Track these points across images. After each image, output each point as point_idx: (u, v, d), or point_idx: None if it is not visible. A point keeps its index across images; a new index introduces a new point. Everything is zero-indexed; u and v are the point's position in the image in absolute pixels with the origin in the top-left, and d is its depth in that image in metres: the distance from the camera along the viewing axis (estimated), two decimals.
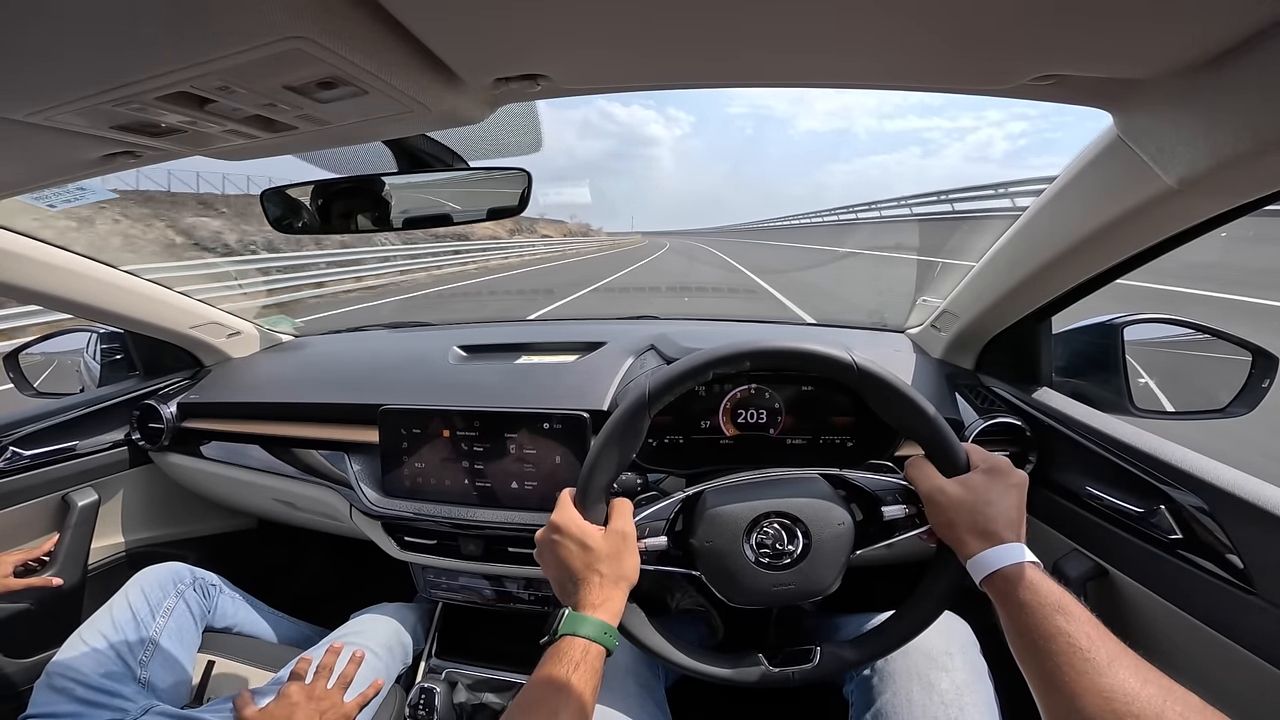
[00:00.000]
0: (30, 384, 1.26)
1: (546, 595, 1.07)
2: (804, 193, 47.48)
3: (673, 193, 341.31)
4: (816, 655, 0.66)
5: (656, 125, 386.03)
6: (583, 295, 10.34)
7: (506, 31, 0.39)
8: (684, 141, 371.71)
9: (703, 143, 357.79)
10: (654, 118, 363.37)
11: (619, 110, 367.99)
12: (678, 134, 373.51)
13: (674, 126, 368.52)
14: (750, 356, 0.65)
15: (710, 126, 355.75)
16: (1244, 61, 0.39)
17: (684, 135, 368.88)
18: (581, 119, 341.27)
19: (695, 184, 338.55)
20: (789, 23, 0.38)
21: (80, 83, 0.38)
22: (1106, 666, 0.44)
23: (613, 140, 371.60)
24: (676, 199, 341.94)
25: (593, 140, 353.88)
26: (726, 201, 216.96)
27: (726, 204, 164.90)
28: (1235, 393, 0.82)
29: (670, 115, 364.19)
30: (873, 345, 1.17)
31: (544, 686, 0.52)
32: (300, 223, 0.84)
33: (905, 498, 0.65)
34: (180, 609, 1.00)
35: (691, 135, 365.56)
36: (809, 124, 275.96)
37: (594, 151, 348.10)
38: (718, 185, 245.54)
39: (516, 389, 1.03)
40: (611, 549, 0.61)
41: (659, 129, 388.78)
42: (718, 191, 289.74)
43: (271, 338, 1.44)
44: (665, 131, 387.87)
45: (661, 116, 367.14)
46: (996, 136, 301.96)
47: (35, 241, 0.93)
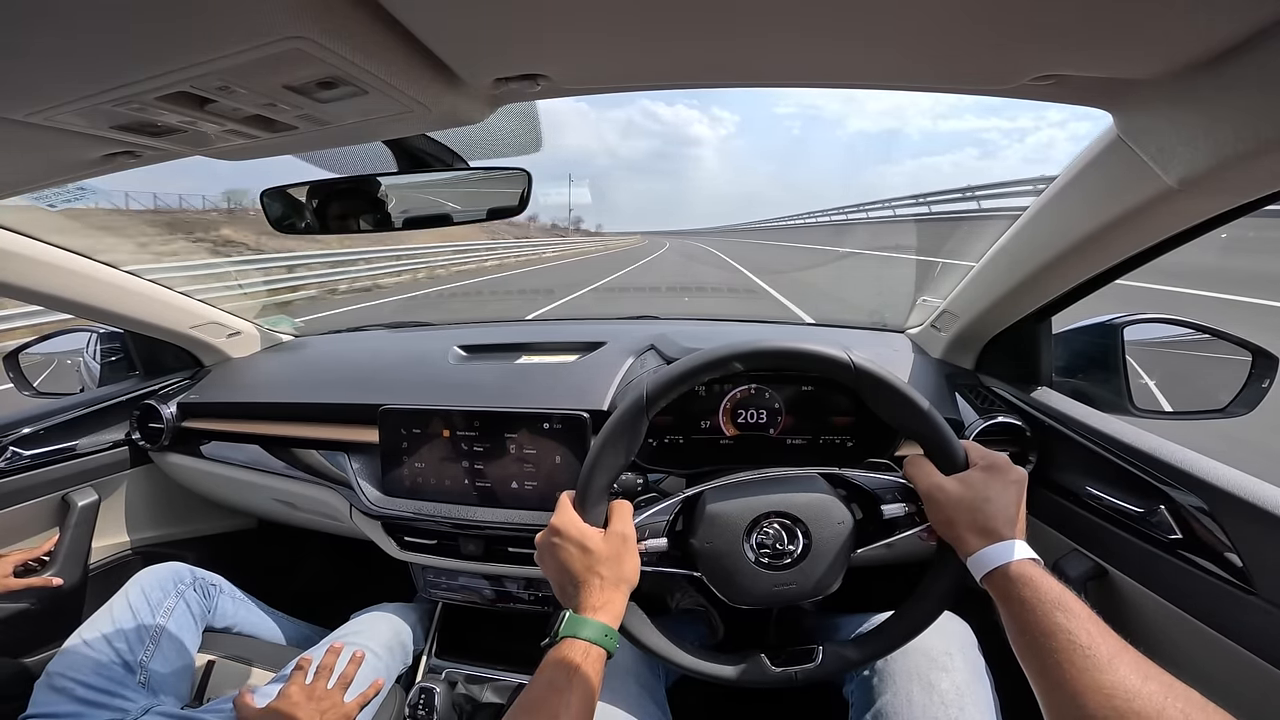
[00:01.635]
0: (30, 384, 1.26)
1: (546, 595, 1.07)
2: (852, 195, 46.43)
3: (684, 194, 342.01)
4: (819, 655, 0.66)
5: (697, 126, 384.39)
6: (582, 295, 10.34)
7: (506, 31, 0.39)
8: (728, 142, 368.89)
9: (746, 143, 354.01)
10: (640, 118, 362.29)
11: (615, 113, 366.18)
12: (722, 134, 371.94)
13: (718, 127, 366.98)
14: (750, 357, 0.65)
15: (755, 126, 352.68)
16: (1244, 61, 0.39)
17: (728, 135, 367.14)
18: (578, 119, 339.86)
19: (738, 184, 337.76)
20: (788, 22, 0.38)
21: (80, 83, 0.38)
22: (1107, 663, 0.44)
23: (620, 142, 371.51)
24: (679, 199, 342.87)
25: (593, 140, 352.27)
26: (770, 201, 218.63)
27: (768, 203, 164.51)
28: (1235, 393, 0.82)
29: (680, 114, 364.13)
30: (872, 345, 1.17)
31: (545, 689, 0.53)
32: (300, 223, 0.84)
33: (905, 496, 0.66)
34: (180, 609, 1.00)
35: (736, 135, 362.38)
36: (859, 124, 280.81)
37: (593, 151, 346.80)
38: (762, 186, 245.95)
39: (516, 389, 1.03)
40: (611, 551, 0.61)
41: (701, 129, 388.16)
42: (764, 193, 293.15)
43: (271, 338, 1.44)
44: (708, 131, 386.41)
45: (656, 119, 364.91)
46: (1059, 137, 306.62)
47: (35, 241, 0.93)
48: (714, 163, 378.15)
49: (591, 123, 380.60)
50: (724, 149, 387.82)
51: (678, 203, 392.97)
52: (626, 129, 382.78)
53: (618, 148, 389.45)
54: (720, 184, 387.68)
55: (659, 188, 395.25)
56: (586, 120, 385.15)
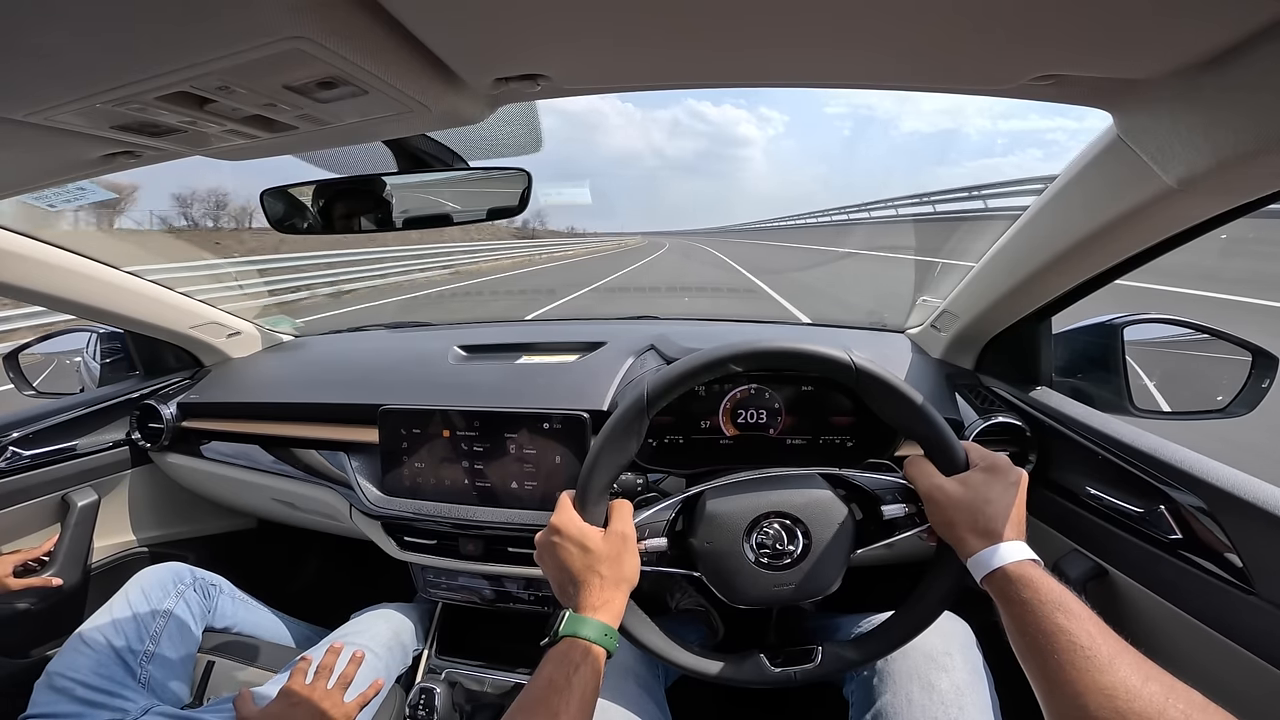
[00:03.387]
0: (30, 384, 1.27)
1: (546, 595, 1.07)
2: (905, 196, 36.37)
3: (684, 194, 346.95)
4: (818, 655, 0.66)
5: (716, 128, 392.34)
6: (583, 295, 10.35)
7: (506, 31, 0.39)
8: (776, 142, 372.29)
9: (795, 143, 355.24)
10: (621, 119, 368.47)
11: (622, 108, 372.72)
12: (771, 134, 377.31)
13: (766, 126, 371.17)
14: (751, 357, 0.65)
15: (803, 125, 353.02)
16: (1245, 61, 0.39)
17: (776, 135, 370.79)
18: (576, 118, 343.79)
19: (784, 185, 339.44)
20: (789, 22, 0.38)
21: (80, 83, 0.38)
22: (1108, 664, 0.44)
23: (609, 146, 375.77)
24: (682, 200, 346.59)
25: (593, 143, 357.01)
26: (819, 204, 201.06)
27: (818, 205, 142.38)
28: (1235, 393, 0.82)
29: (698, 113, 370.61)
30: (872, 345, 1.17)
31: (545, 688, 0.53)
32: (301, 223, 0.84)
33: (905, 497, 0.66)
34: (180, 609, 1.00)
35: (783, 135, 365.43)
36: (914, 124, 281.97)
37: (596, 153, 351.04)
38: (811, 189, 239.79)
39: (516, 389, 1.03)
40: (611, 551, 0.61)
41: (752, 129, 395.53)
42: (814, 197, 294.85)
43: (272, 338, 1.44)
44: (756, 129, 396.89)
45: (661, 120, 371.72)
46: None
47: (35, 241, 0.93)
48: (712, 162, 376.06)
49: (592, 121, 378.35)
50: (717, 146, 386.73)
51: (675, 203, 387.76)
52: (627, 128, 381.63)
53: (603, 144, 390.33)
54: (716, 185, 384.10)
55: (657, 187, 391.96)
56: (586, 119, 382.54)
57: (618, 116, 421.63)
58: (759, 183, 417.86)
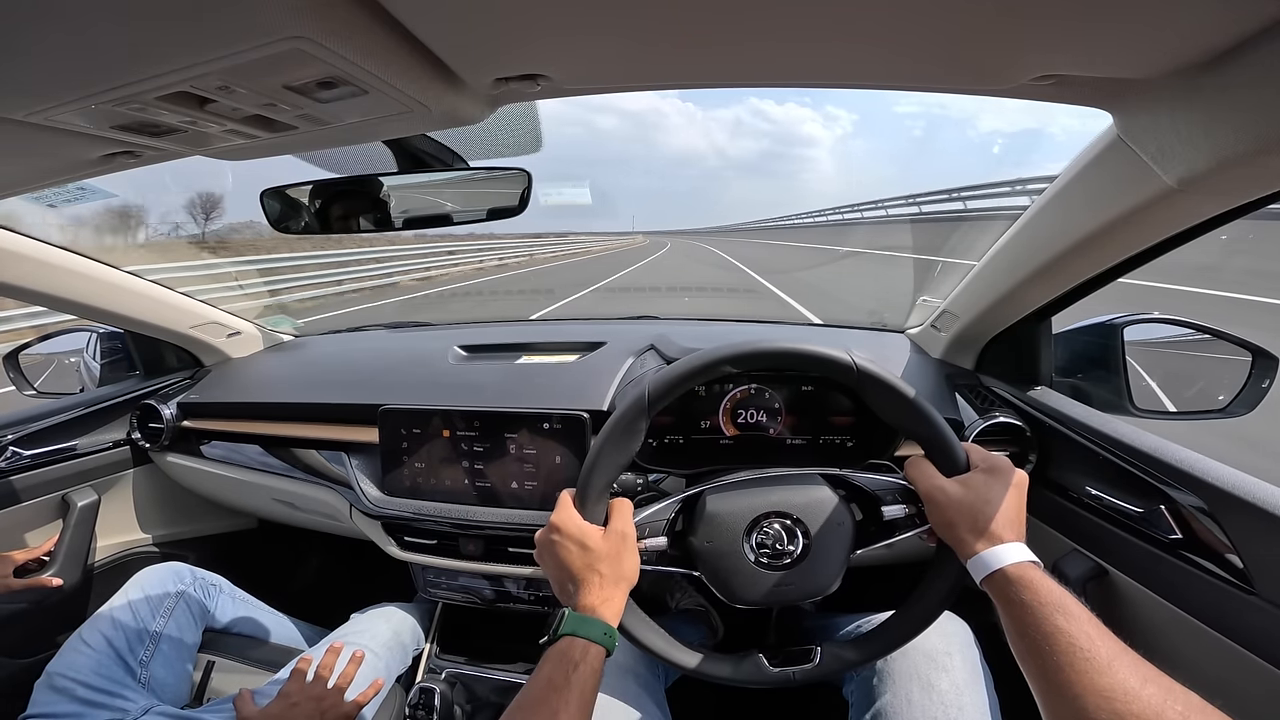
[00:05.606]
0: (30, 384, 1.27)
1: (546, 595, 1.07)
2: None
3: (682, 195, 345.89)
4: (817, 655, 0.66)
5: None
6: (583, 295, 10.34)
7: (507, 31, 0.39)
8: (846, 142, 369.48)
9: (865, 144, 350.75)
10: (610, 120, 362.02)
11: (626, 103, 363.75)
12: (770, 132, 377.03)
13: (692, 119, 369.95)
14: (752, 357, 0.65)
15: (871, 125, 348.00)
16: (1244, 61, 0.39)
17: (844, 134, 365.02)
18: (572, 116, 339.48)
19: (783, 188, 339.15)
20: (788, 22, 0.38)
21: (80, 83, 0.38)
22: (1107, 666, 0.44)
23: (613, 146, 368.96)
24: (682, 201, 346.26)
25: (594, 143, 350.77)
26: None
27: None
28: (1235, 393, 0.82)
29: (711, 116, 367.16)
30: (872, 345, 1.17)
31: (544, 687, 0.53)
32: (300, 223, 0.84)
33: (905, 497, 0.66)
34: (180, 609, 1.00)
35: (852, 135, 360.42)
36: (993, 123, 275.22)
37: (600, 153, 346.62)
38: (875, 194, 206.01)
39: (517, 389, 1.03)
40: (611, 549, 0.61)
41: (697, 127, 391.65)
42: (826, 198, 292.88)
43: (272, 338, 1.44)
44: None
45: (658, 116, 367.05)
46: None
47: (35, 241, 0.93)
48: (708, 161, 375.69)
49: (588, 123, 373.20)
50: (718, 145, 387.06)
51: (673, 203, 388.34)
52: (624, 128, 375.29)
53: (604, 144, 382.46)
54: (717, 185, 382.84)
55: (654, 186, 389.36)
56: (584, 120, 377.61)
57: (611, 115, 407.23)
58: (757, 184, 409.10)
